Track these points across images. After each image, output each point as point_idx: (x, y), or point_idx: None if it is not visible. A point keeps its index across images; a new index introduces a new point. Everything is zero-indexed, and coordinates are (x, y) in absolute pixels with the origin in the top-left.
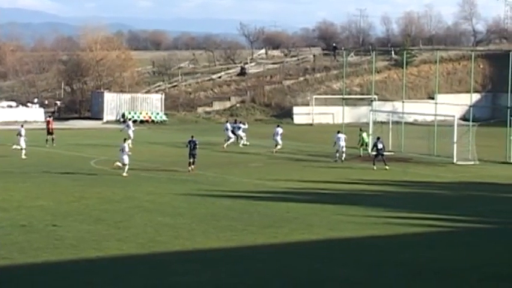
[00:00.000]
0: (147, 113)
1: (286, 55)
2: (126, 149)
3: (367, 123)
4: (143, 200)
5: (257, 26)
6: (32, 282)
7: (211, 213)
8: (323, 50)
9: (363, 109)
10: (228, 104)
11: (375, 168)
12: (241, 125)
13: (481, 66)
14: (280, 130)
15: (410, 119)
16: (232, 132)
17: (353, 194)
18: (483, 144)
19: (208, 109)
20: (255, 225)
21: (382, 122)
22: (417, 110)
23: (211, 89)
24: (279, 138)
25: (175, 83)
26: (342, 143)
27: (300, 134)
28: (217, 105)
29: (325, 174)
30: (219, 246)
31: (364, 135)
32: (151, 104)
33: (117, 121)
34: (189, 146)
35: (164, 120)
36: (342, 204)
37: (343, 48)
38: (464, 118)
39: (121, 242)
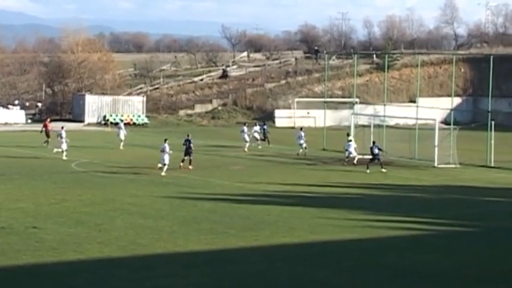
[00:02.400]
0: (128, 116)
1: (268, 58)
2: (167, 149)
3: (349, 127)
4: (124, 202)
5: (239, 28)
6: (12, 284)
7: (193, 216)
8: (305, 53)
9: (345, 112)
10: (209, 107)
11: (368, 171)
12: (265, 127)
13: (462, 70)
14: (303, 133)
15: (392, 122)
16: (264, 134)
17: (334, 197)
18: (464, 147)
19: (190, 112)
20: (236, 228)
21: (363, 126)
22: (399, 113)
23: (193, 92)
24: (302, 141)
25: (157, 86)
26: (350, 149)
27: (281, 137)
28: (199, 108)
29: (307, 177)
30: (200, 249)
31: (350, 138)
32: (132, 107)
33: (99, 123)
34: (185, 145)
35: (146, 123)
36: (323, 207)
37: (325, 51)
38: (445, 122)
39: (102, 245)
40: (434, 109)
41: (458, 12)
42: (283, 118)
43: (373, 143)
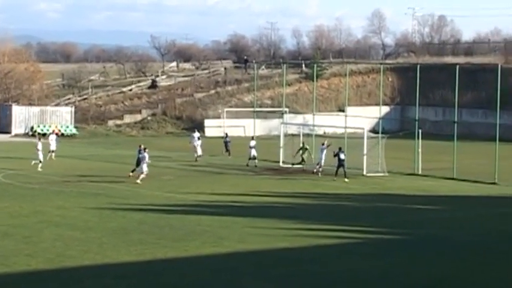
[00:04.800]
0: (56, 126)
1: (197, 68)
2: (146, 158)
3: (278, 136)
4: (52, 214)
5: (168, 38)
6: None
7: (122, 227)
8: (234, 62)
9: (274, 122)
10: (139, 117)
11: (335, 179)
12: (227, 139)
13: (390, 79)
14: (253, 142)
15: (321, 131)
16: (226, 146)
17: (264, 206)
18: (392, 156)
19: (119, 122)
20: (166, 238)
21: (293, 135)
22: (328, 122)
23: (122, 102)
24: (253, 150)
25: (85, 96)
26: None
27: (211, 147)
28: (128, 118)
29: (236, 187)
30: (130, 260)
31: (306, 147)
32: (61, 117)
33: (26, 134)
34: (137, 154)
35: (74, 134)
36: (253, 217)
37: (254, 61)
38: (373, 130)
39: (29, 257)
40: (363, 118)
41: (386, 22)
42: (213, 128)
43: (339, 149)
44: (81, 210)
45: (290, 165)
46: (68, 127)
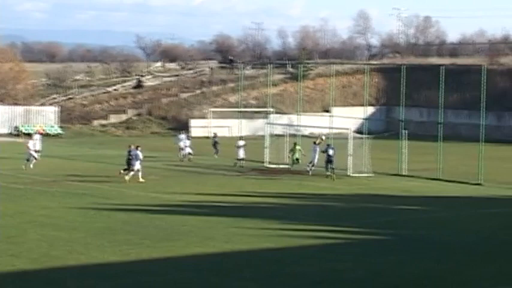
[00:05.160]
0: (41, 126)
1: (183, 68)
2: (140, 156)
3: (264, 136)
4: (37, 214)
5: (154, 38)
6: None
7: (107, 227)
8: (220, 63)
9: (260, 122)
10: (124, 117)
11: (327, 174)
12: (216, 139)
13: (375, 80)
14: (241, 142)
15: (306, 131)
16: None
17: (249, 206)
18: (377, 156)
19: (104, 122)
20: (151, 238)
21: (278, 135)
22: (313, 123)
23: (107, 102)
24: (241, 151)
25: (70, 96)
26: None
27: (196, 147)
28: (113, 118)
29: (222, 187)
30: (115, 260)
31: (298, 148)
32: (45, 117)
33: (10, 134)
34: (127, 155)
35: (59, 133)
36: (238, 217)
37: (239, 61)
38: (359, 131)
39: (14, 258)
40: (348, 118)
41: (371, 23)
42: (198, 128)
43: (328, 145)
44: (65, 210)
45: (289, 167)
46: (52, 127)
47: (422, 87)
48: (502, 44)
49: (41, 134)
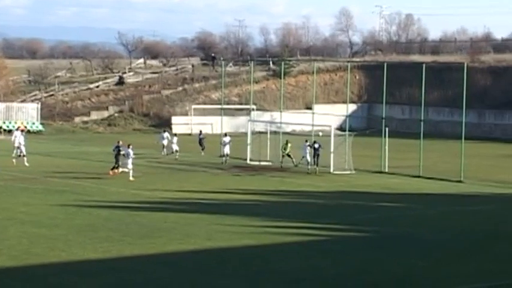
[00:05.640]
0: (22, 123)
1: (165, 65)
2: (131, 154)
3: (246, 133)
4: (17, 211)
5: (135, 35)
6: None
7: (88, 224)
8: (202, 59)
9: (242, 119)
10: (106, 114)
11: (316, 168)
12: (201, 136)
13: (357, 77)
14: (227, 139)
15: (288, 129)
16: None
17: (231, 203)
18: (359, 153)
19: (85, 119)
20: (132, 235)
21: (260, 132)
22: (295, 120)
23: (89, 99)
24: (227, 147)
25: (51, 92)
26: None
27: (178, 144)
28: (94, 115)
29: (203, 184)
30: (96, 258)
31: (289, 145)
32: (27, 114)
33: None
34: (114, 151)
35: (40, 130)
36: (219, 214)
37: (221, 58)
38: (340, 128)
39: None
40: (330, 116)
41: (353, 20)
42: (180, 125)
43: (314, 142)
44: (47, 207)
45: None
46: (34, 123)
47: (404, 84)
48: (483, 42)
49: (22, 131)
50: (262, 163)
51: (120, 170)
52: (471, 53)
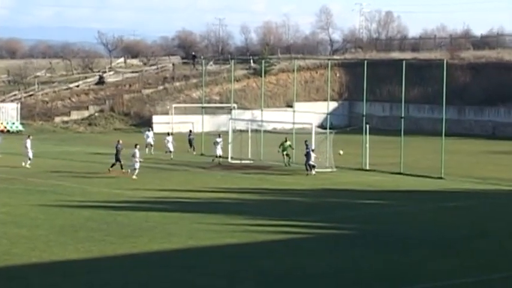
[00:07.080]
0: (2, 123)
1: (145, 64)
2: (137, 154)
3: (227, 132)
4: None
5: (116, 34)
6: None
7: (70, 224)
8: (182, 58)
9: (223, 118)
10: (86, 113)
11: (313, 173)
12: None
13: (338, 74)
14: (219, 139)
15: (269, 127)
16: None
17: (213, 202)
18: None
19: (66, 118)
20: (114, 235)
21: (241, 131)
22: (276, 118)
23: (69, 98)
24: (219, 147)
25: (31, 92)
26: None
27: (159, 143)
28: (75, 115)
29: (185, 183)
30: (78, 258)
31: (288, 143)
32: (6, 114)
33: None
34: (116, 150)
35: (20, 130)
36: (201, 213)
37: (202, 57)
38: (321, 126)
39: None
40: (311, 113)
41: (333, 18)
42: (161, 124)
43: (305, 141)
44: (27, 208)
45: (284, 165)
46: (13, 124)
47: (385, 81)
48: (463, 39)
49: (2, 131)
50: (244, 161)
51: (128, 170)
52: (451, 49)
